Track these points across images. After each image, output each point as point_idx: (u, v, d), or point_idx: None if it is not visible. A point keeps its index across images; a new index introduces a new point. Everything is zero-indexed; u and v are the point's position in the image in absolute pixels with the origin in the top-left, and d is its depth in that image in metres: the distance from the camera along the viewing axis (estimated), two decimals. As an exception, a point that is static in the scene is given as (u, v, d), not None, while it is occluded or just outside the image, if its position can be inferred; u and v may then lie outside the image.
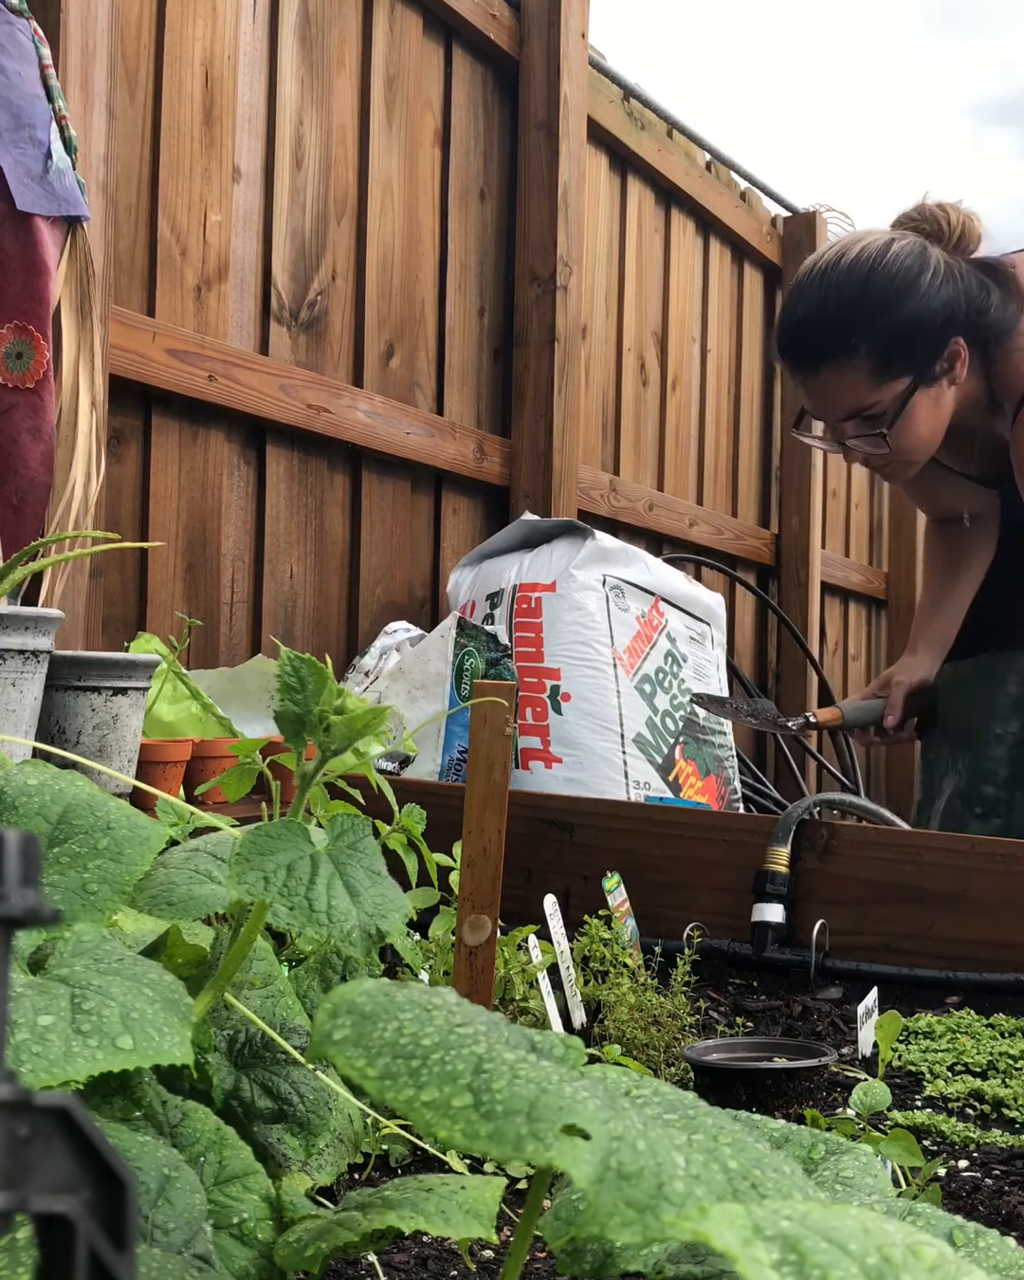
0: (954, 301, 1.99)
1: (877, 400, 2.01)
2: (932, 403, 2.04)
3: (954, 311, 1.99)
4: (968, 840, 1.79)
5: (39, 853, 0.37)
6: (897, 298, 1.96)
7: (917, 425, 2.04)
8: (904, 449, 2.07)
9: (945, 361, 2.02)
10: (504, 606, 2.80)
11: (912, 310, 1.96)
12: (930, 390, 2.03)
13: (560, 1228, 0.60)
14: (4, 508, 1.68)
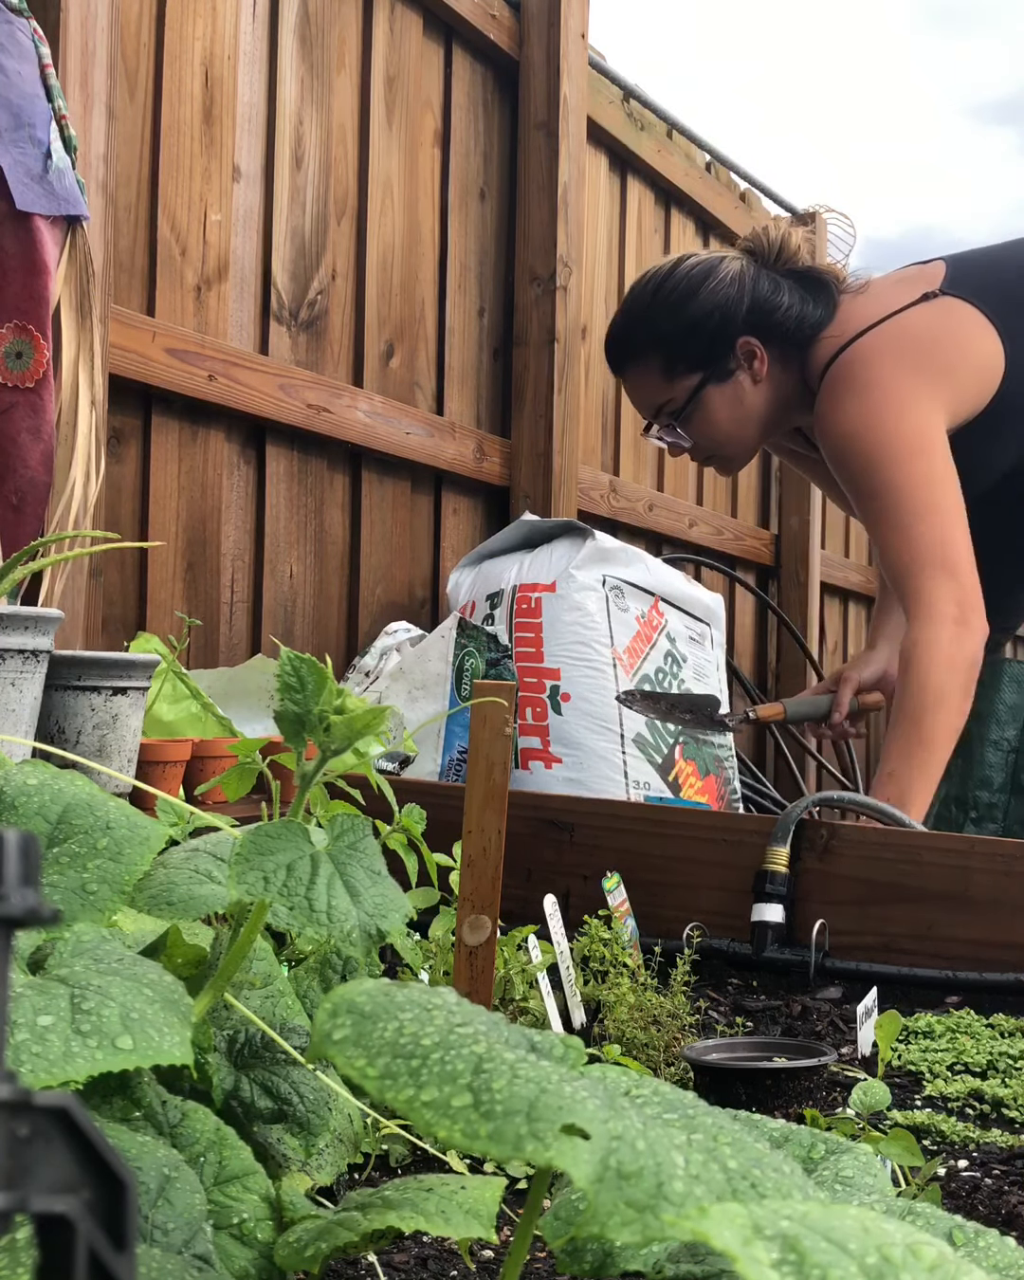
0: (733, 303, 2.16)
1: (671, 397, 2.21)
2: (728, 398, 2.20)
3: (733, 312, 2.16)
4: (968, 840, 1.79)
5: (39, 853, 0.37)
6: (678, 304, 2.16)
7: (714, 418, 2.21)
8: (708, 441, 2.25)
9: (739, 359, 2.18)
10: (504, 607, 2.80)
11: (691, 313, 2.15)
12: (725, 387, 2.20)
13: (560, 1227, 0.60)
14: (4, 508, 1.68)
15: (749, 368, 2.19)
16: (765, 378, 2.19)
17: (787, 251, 2.21)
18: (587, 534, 2.81)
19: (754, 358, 2.18)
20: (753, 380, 2.20)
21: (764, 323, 2.17)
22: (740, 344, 2.16)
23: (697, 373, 2.17)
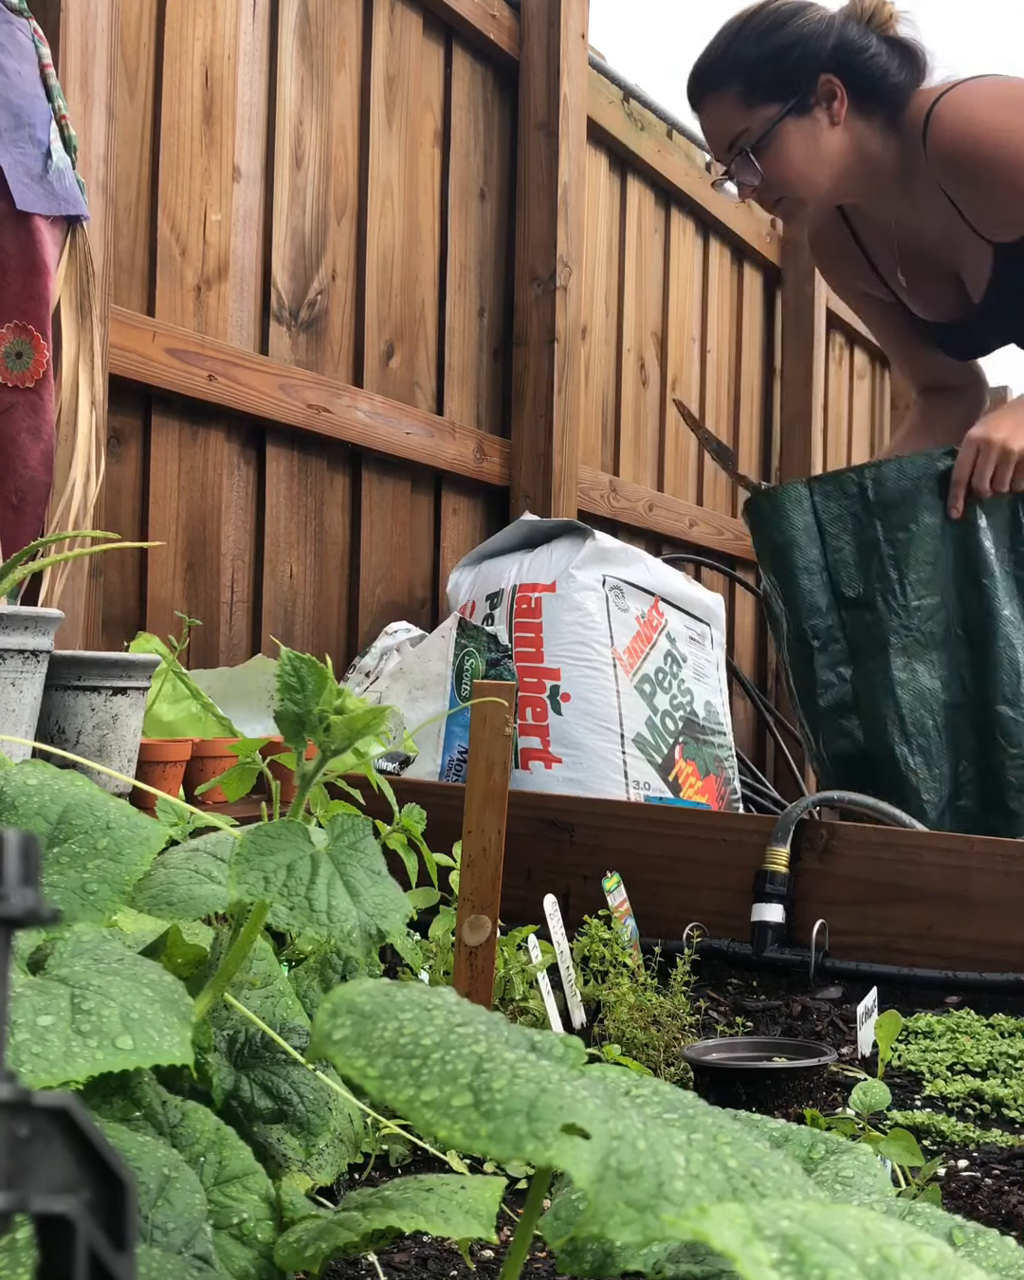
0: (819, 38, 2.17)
1: (746, 127, 2.19)
2: (805, 135, 2.19)
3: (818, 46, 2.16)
4: (968, 840, 1.79)
5: (39, 853, 0.37)
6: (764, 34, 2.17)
7: (789, 153, 2.20)
8: (779, 179, 2.22)
9: (819, 96, 2.17)
10: (504, 607, 2.80)
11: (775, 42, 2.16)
12: (803, 121, 2.19)
13: (560, 1227, 0.60)
14: (4, 508, 1.68)
15: (828, 107, 2.18)
16: (843, 120, 2.19)
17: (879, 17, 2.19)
18: (587, 534, 2.81)
19: (834, 97, 2.17)
20: (831, 121, 2.19)
21: (848, 63, 2.16)
22: (822, 80, 2.16)
23: (775, 102, 2.17)
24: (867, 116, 2.19)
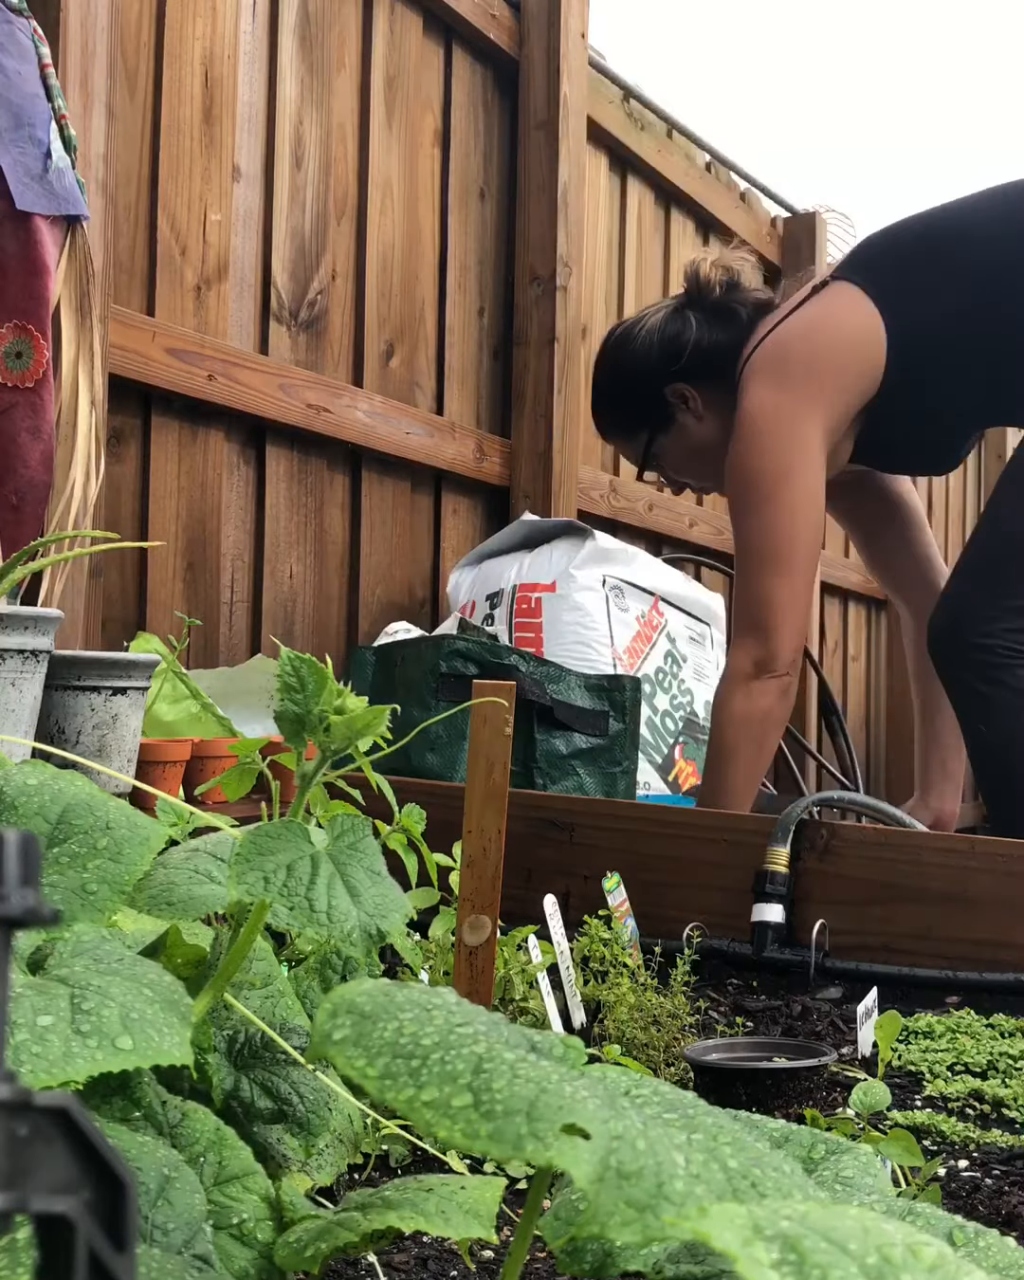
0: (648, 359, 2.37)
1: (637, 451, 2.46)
2: (681, 441, 2.41)
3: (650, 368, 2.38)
4: (968, 840, 1.79)
5: (39, 853, 0.37)
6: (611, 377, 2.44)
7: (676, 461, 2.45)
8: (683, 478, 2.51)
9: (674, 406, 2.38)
10: (504, 607, 2.80)
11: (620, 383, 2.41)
12: (674, 432, 2.41)
13: (560, 1227, 0.60)
14: (4, 508, 1.68)
15: (687, 409, 2.36)
16: (705, 411, 2.35)
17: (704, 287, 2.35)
18: (587, 534, 2.81)
19: (687, 399, 2.35)
20: (696, 418, 2.37)
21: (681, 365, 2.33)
22: (670, 391, 2.34)
23: (643, 429, 2.40)
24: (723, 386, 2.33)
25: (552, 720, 2.23)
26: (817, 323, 2.30)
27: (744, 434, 2.22)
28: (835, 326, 2.28)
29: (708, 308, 2.34)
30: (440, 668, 2.22)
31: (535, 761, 2.21)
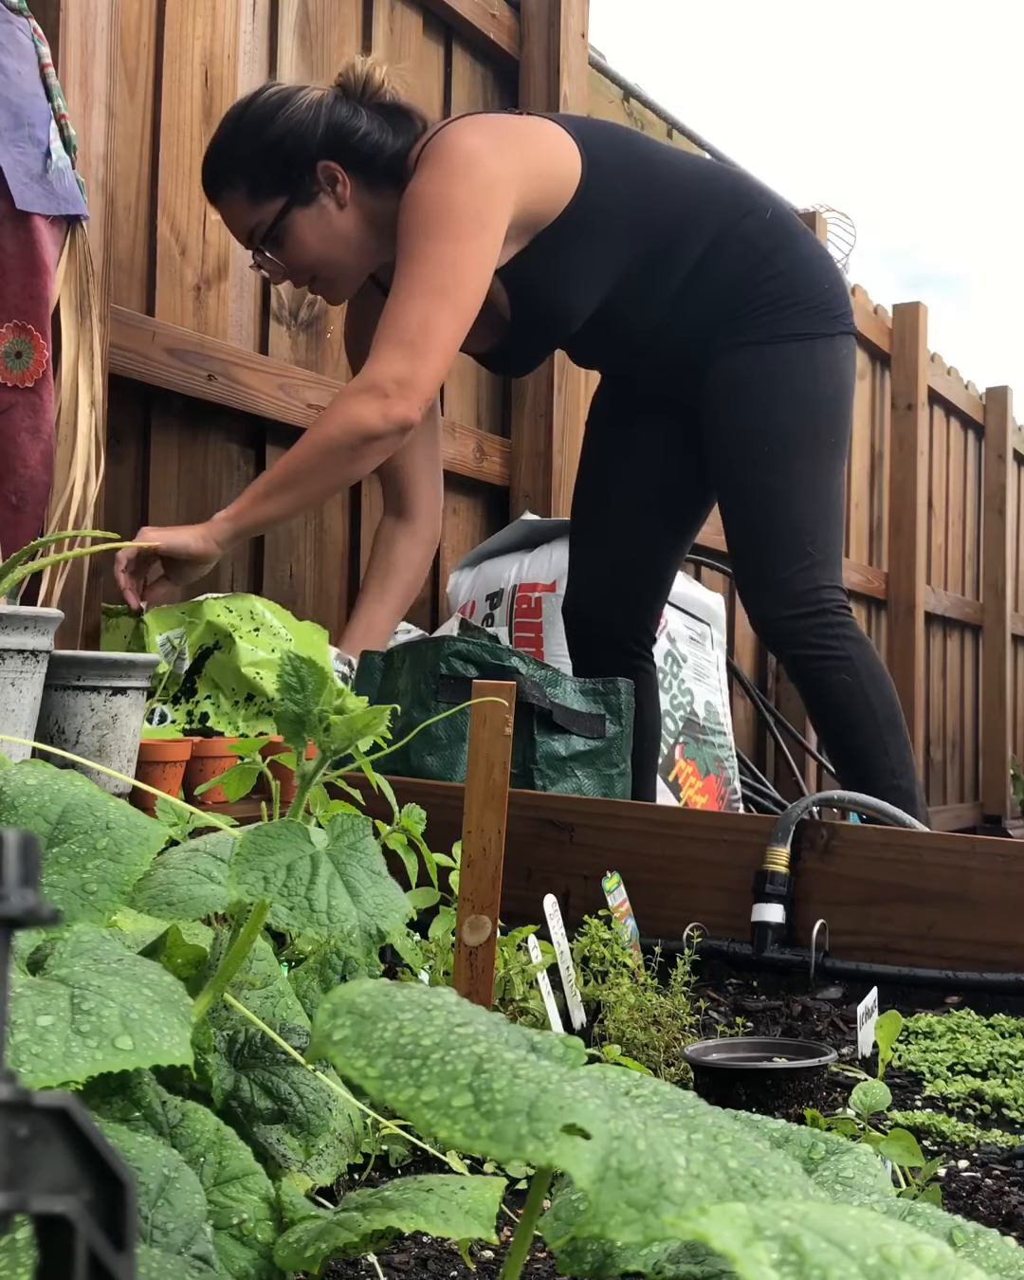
0: (308, 128, 2.20)
1: (259, 220, 2.22)
2: (315, 220, 2.22)
3: (309, 136, 2.19)
4: (968, 840, 1.79)
5: (38, 853, 0.37)
6: (257, 129, 2.19)
7: (303, 240, 2.23)
8: (302, 264, 2.26)
9: (320, 183, 2.21)
10: (504, 607, 2.80)
11: (268, 137, 2.18)
12: (310, 209, 2.22)
13: (560, 1228, 0.60)
14: (3, 507, 1.68)
15: (332, 191, 2.22)
16: (350, 201, 2.23)
17: (371, 85, 2.24)
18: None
19: (336, 181, 2.21)
20: (338, 204, 2.22)
21: (342, 146, 2.20)
22: (320, 167, 2.19)
23: (280, 196, 2.19)
24: (375, 188, 2.24)
25: (551, 723, 2.23)
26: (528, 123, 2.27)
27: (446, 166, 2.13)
28: (546, 136, 2.25)
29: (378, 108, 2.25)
30: (440, 669, 2.21)
31: (535, 764, 2.20)
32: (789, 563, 2.31)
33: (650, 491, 2.53)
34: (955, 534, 5.98)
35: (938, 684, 5.72)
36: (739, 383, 2.35)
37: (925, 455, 5.33)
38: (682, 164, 2.38)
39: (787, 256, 2.35)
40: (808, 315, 2.35)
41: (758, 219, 2.35)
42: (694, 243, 2.31)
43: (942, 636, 5.76)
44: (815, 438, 2.35)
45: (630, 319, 2.36)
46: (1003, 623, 6.16)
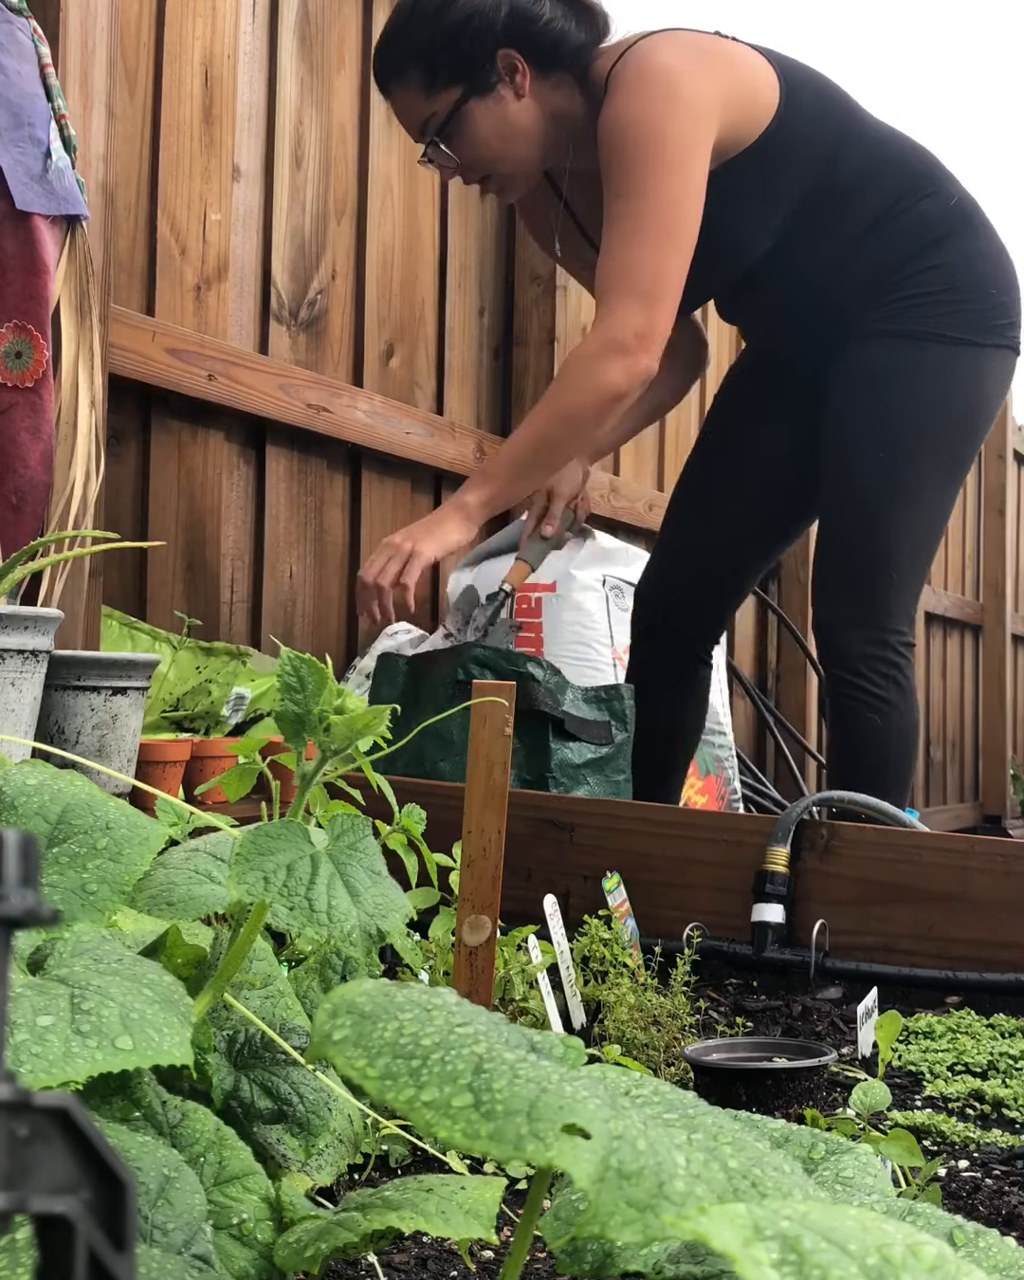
0: (490, 14, 2.10)
1: (433, 111, 2.13)
2: (493, 113, 2.13)
3: (490, 20, 2.10)
4: (968, 840, 1.79)
5: (38, 853, 0.37)
6: (435, 15, 2.10)
7: (479, 133, 2.14)
8: (476, 159, 2.18)
9: (500, 72, 2.12)
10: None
11: (448, 21, 2.09)
12: (488, 99, 2.13)
13: (560, 1228, 0.60)
14: (3, 507, 1.68)
15: (511, 81, 2.13)
16: (528, 93, 2.14)
17: None
18: (586, 534, 2.81)
19: (516, 71, 2.12)
20: (516, 95, 2.13)
21: (524, 33, 2.11)
22: (500, 55, 2.10)
23: (457, 85, 2.10)
24: (554, 82, 2.15)
25: (563, 731, 2.22)
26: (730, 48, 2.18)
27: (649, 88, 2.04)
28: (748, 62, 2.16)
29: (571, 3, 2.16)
30: (458, 675, 2.21)
31: (551, 772, 2.20)
32: (868, 578, 2.20)
33: (756, 490, 2.43)
34: (955, 534, 5.98)
35: (938, 684, 5.72)
36: (869, 374, 2.24)
37: (925, 455, 5.32)
38: (877, 124, 2.27)
39: (958, 248, 2.22)
40: (963, 316, 2.21)
41: (939, 201, 2.23)
42: (870, 203, 2.20)
43: (942, 636, 5.76)
44: (935, 453, 2.22)
45: (789, 273, 2.26)
46: (1003, 623, 6.15)
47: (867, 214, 2.21)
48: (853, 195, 2.21)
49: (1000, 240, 2.32)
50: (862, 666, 2.20)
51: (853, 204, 2.21)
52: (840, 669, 2.23)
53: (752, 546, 2.48)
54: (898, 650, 2.21)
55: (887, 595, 2.20)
